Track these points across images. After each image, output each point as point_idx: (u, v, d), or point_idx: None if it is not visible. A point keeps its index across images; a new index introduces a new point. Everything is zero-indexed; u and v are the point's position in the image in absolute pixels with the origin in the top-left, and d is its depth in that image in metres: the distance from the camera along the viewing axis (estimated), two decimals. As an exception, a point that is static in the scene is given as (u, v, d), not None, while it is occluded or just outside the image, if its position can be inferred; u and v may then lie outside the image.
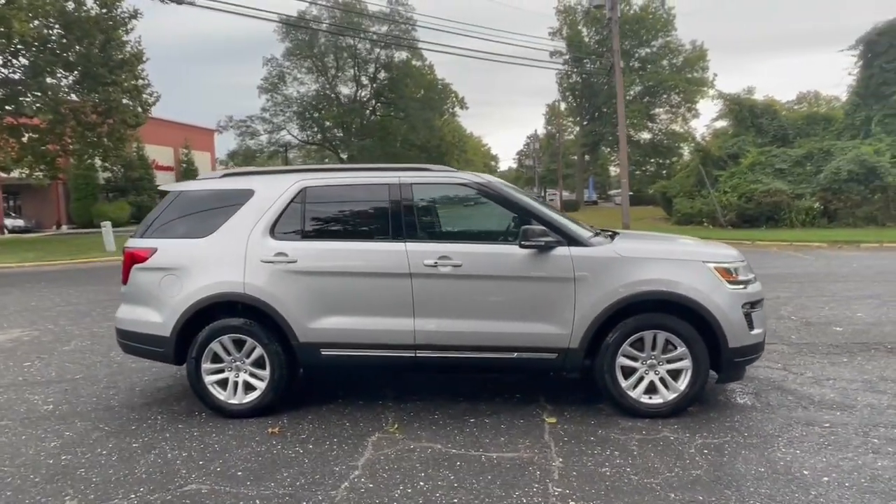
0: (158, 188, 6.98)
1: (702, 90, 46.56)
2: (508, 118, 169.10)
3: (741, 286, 3.97)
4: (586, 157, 56.24)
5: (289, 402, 4.28)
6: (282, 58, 46.33)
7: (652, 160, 52.51)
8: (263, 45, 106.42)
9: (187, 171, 41.21)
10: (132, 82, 25.19)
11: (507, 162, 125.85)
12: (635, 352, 3.93)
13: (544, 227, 3.93)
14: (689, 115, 48.64)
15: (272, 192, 4.22)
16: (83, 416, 4.32)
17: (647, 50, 47.13)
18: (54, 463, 3.52)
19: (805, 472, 3.11)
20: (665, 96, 47.66)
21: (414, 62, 41.76)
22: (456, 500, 2.93)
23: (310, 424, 4.04)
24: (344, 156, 44.78)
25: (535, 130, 78.62)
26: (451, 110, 47.76)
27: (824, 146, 21.58)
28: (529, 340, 3.95)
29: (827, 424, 3.76)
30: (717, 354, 3.88)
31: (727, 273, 3.96)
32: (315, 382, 4.91)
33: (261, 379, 4.14)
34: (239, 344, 4.14)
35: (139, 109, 26.20)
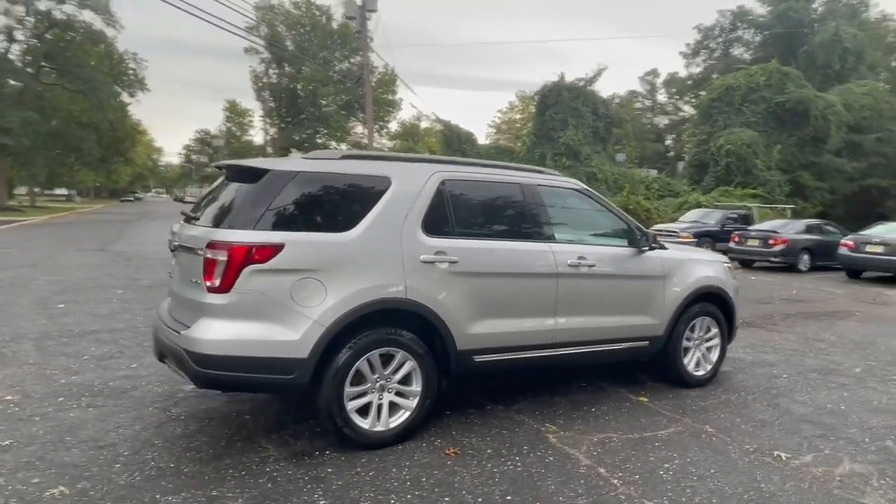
0: (226, 164, 4.10)
1: (391, 112, 51.36)
2: (172, 109, 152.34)
3: (736, 279, 5.33)
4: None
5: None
6: None
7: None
8: None
9: None
10: None
11: (171, 157, 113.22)
12: (690, 334, 4.87)
13: (650, 232, 4.54)
14: (382, 133, 52.84)
15: (413, 182, 3.67)
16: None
17: (346, 65, 49.45)
18: None
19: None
20: (362, 113, 50.77)
21: (95, 27, 34.22)
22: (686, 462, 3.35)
23: (476, 437, 3.69)
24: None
25: (222, 127, 73.02)
26: (129, 91, 40.78)
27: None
28: (634, 331, 4.48)
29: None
30: (731, 328, 5.15)
31: (731, 269, 5.27)
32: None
33: (407, 397, 3.57)
34: (386, 359, 3.48)
35: None
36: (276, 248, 3.16)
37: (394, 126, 56.58)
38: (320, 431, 3.68)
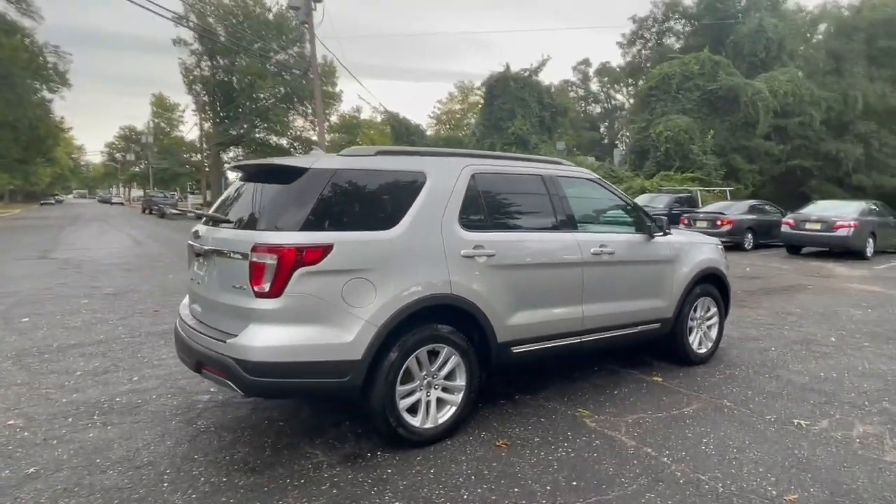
0: (252, 164, 3.69)
1: (332, 104, 50.34)
2: (92, 105, 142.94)
3: (726, 258, 5.61)
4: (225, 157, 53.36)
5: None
6: None
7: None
8: None
9: None
10: None
11: (93, 155, 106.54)
12: (694, 314, 5.10)
13: (660, 218, 4.71)
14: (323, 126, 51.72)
15: (447, 176, 3.64)
16: None
17: (284, 56, 47.98)
18: None
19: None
20: (301, 106, 49.48)
21: (8, 17, 31.51)
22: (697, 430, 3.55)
23: (518, 427, 3.73)
24: None
25: (150, 123, 69.30)
26: (50, 86, 38.02)
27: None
28: (647, 314, 4.65)
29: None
30: (727, 307, 5.43)
31: (722, 250, 5.53)
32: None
33: (452, 392, 3.57)
34: (432, 355, 3.47)
35: None
36: (326, 249, 3.07)
37: (334, 118, 55.66)
38: (362, 433, 3.63)
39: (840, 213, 14.11)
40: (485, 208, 3.77)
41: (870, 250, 13.90)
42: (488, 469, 3.18)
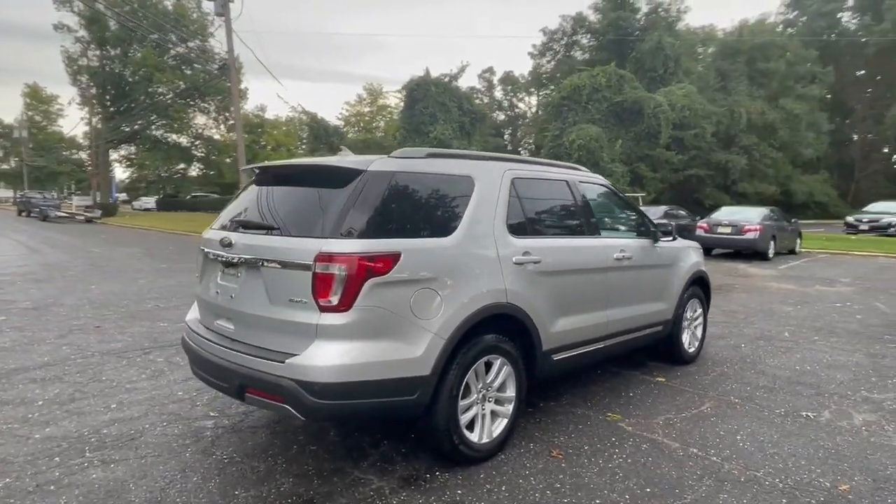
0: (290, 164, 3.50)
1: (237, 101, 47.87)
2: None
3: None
4: (117, 155, 49.05)
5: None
6: None
7: (196, 165, 50.49)
8: None
9: None
10: None
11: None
12: (685, 315, 5.32)
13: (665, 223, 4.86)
14: (224, 124, 49.05)
15: (492, 181, 3.52)
16: None
17: (182, 49, 44.96)
18: None
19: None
20: (203, 103, 46.58)
21: None
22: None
23: (561, 436, 3.68)
24: None
25: (22, 116, 62.14)
26: None
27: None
28: (654, 317, 4.79)
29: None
30: (708, 305, 5.73)
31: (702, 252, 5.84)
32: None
33: (502, 404, 3.45)
34: (486, 367, 3.33)
35: None
36: (395, 258, 2.85)
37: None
38: (406, 452, 3.43)
39: (747, 218, 15.48)
40: (525, 214, 3.70)
41: (771, 252, 15.36)
42: (559, 482, 3.10)
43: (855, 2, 45.11)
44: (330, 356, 2.72)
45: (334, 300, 2.72)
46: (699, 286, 5.47)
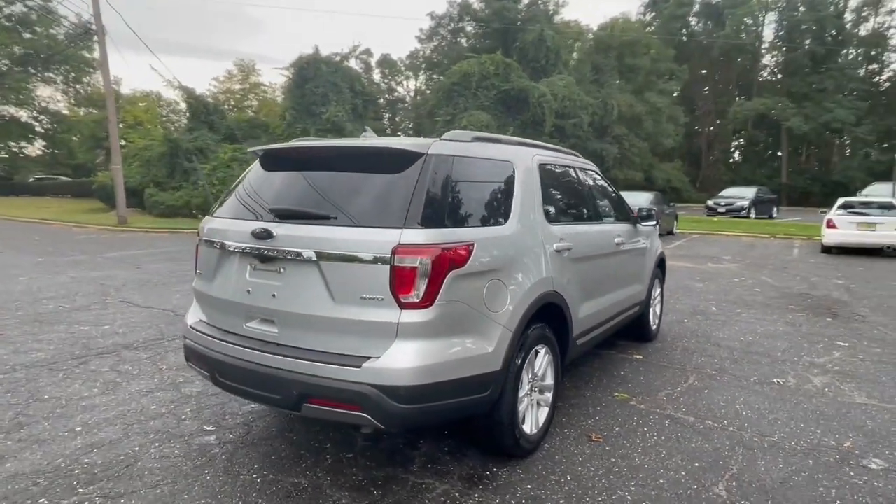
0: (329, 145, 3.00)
1: (89, 71, 42.61)
2: None
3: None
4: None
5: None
6: None
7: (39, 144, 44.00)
8: None
9: None
10: None
11: None
12: (654, 295, 5.64)
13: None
14: (71, 96, 43.40)
15: (528, 166, 3.42)
16: None
17: (21, 8, 38.81)
18: None
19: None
20: (48, 73, 40.73)
21: None
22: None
23: (588, 420, 3.72)
24: None
25: None
26: None
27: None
28: (634, 299, 5.00)
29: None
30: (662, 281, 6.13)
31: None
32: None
33: (543, 393, 3.42)
34: (533, 356, 3.27)
35: None
36: (470, 248, 2.68)
37: (90, 89, 47.04)
38: (449, 450, 3.28)
39: (637, 202, 16.78)
40: (553, 200, 3.66)
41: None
42: (616, 466, 3.14)
43: (700, 8, 50.44)
44: (414, 357, 2.50)
45: (417, 296, 2.50)
46: (660, 267, 5.82)
